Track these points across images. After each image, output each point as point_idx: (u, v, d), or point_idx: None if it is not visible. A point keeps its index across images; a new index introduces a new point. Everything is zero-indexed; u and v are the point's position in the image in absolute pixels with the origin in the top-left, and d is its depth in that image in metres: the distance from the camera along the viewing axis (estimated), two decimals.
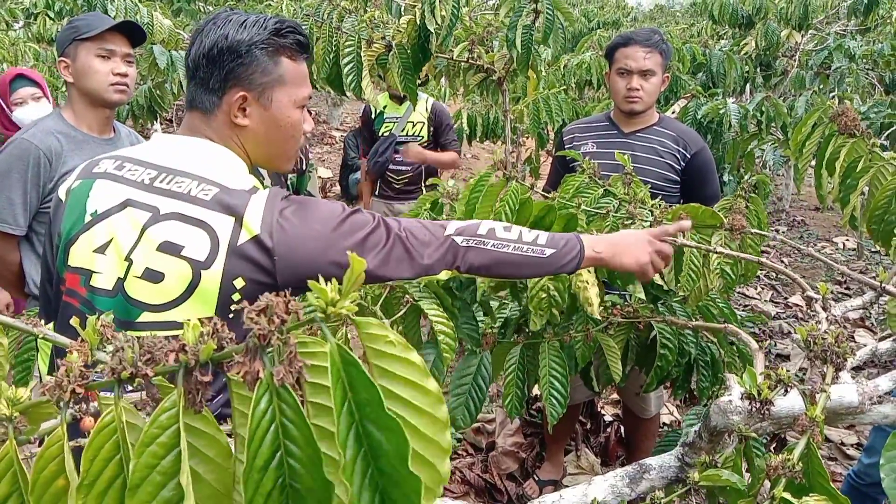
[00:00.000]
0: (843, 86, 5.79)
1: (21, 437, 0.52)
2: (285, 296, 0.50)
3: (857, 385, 1.11)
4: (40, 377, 1.31)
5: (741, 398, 1.09)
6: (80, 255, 1.18)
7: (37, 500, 0.50)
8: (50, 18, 7.89)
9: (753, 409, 1.04)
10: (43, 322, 0.87)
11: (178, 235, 1.11)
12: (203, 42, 1.20)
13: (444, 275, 1.26)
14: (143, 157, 1.22)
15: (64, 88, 4.16)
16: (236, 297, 1.11)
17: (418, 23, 2.49)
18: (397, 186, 4.09)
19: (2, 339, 0.91)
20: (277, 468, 0.49)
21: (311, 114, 1.40)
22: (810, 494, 0.90)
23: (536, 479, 2.82)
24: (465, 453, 3.15)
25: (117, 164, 1.21)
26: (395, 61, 2.54)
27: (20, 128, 2.55)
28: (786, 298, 5.07)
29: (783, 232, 6.82)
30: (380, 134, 4.05)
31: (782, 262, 5.63)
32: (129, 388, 0.50)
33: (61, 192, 1.26)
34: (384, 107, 4.03)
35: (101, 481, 0.51)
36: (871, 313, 4.55)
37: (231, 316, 1.12)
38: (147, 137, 2.28)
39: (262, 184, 1.24)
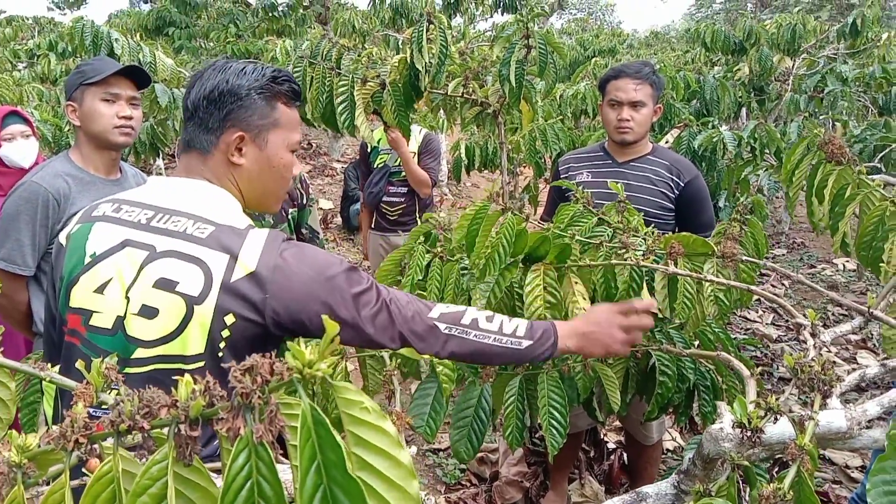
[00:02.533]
0: (837, 108, 5.85)
1: (29, 482, 0.55)
2: (271, 356, 0.52)
3: (845, 410, 1.13)
4: (46, 419, 1.34)
5: (732, 426, 1.11)
6: (80, 296, 1.21)
7: None
8: (54, 58, 8.02)
9: (744, 437, 1.06)
10: (49, 364, 0.90)
11: (173, 272, 1.15)
12: (204, 85, 1.26)
13: (425, 356, 1.32)
14: (140, 198, 1.26)
15: (69, 128, 4.24)
16: (226, 333, 1.14)
17: (408, 62, 2.55)
18: (391, 217, 4.11)
19: (9, 382, 0.93)
20: None
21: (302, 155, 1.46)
22: None
23: None
24: (468, 483, 3.15)
25: (115, 206, 1.26)
26: (388, 99, 2.60)
27: (2, 162, 2.61)
28: (787, 321, 5.07)
29: (783, 255, 6.84)
30: (375, 166, 4.10)
31: (783, 285, 5.65)
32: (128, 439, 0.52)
33: (62, 238, 1.30)
34: (379, 140, 4.05)
35: None
36: (872, 334, 4.56)
37: (221, 354, 1.15)
38: (150, 173, 2.33)
39: (262, 223, 1.28)
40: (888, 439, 0.85)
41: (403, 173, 3.99)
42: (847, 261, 6.41)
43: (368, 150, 4.16)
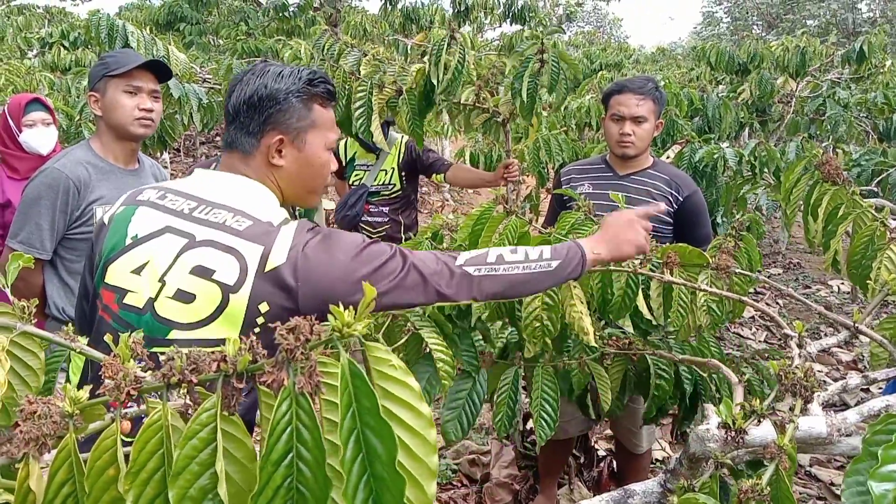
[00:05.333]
0: (837, 132, 5.93)
1: (78, 430, 0.61)
2: (310, 320, 0.59)
3: (826, 417, 1.19)
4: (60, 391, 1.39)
5: (718, 427, 1.17)
6: (117, 274, 1.28)
7: (91, 485, 0.59)
8: (65, 48, 8.09)
9: (729, 438, 1.12)
10: (79, 336, 0.96)
11: (210, 260, 1.21)
12: (244, 90, 1.33)
13: (464, 303, 1.34)
14: (184, 189, 1.33)
15: (79, 118, 4.30)
16: (260, 320, 1.20)
17: (426, 73, 2.61)
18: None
19: (39, 353, 0.99)
20: (289, 466, 0.58)
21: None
22: None
23: None
24: (459, 484, 3.19)
25: (160, 194, 1.32)
26: (404, 106, 2.66)
27: (22, 148, 2.67)
28: (780, 339, 5.13)
29: (779, 274, 6.91)
30: (350, 183, 3.81)
31: (777, 303, 5.72)
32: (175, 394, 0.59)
33: (105, 218, 1.36)
34: (354, 153, 3.80)
35: (145, 471, 0.60)
36: (863, 356, 4.62)
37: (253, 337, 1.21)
38: None
39: (295, 216, 1.34)
40: (863, 443, 0.91)
41: (383, 193, 3.72)
42: (842, 282, 6.48)
43: (343, 162, 3.84)
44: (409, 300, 1.29)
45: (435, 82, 2.55)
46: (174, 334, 1.22)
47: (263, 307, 1.20)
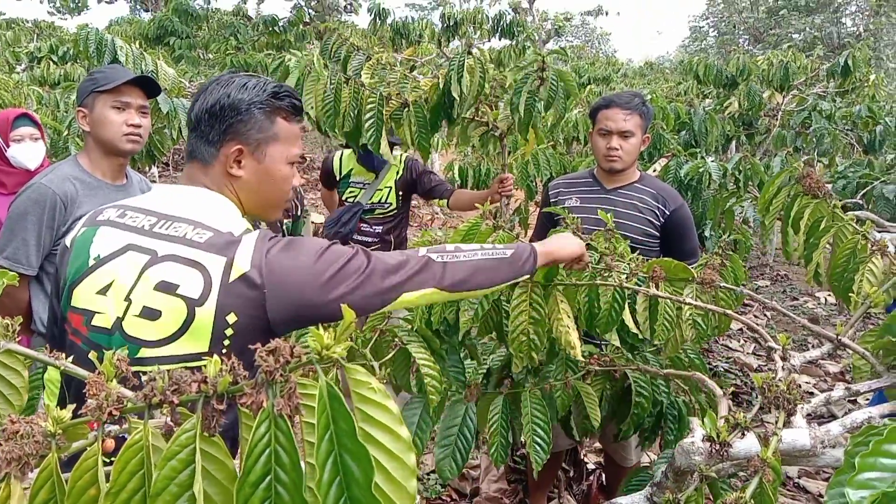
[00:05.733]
0: (823, 145, 6.00)
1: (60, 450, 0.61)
2: (287, 340, 0.59)
3: (809, 430, 1.20)
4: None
5: (703, 440, 1.17)
6: (83, 296, 1.27)
7: None
8: (54, 63, 8.08)
9: (713, 451, 1.13)
10: (63, 355, 0.96)
11: (173, 275, 1.21)
12: (207, 99, 1.33)
13: (435, 296, 1.34)
14: (143, 205, 1.32)
15: (67, 133, 4.29)
16: (229, 331, 1.20)
17: (441, 87, 2.61)
18: None
19: (23, 371, 0.98)
20: (266, 489, 0.58)
21: (300, 168, 1.53)
22: None
23: None
24: (448, 499, 3.19)
25: (119, 212, 1.32)
26: (409, 118, 2.67)
27: (9, 163, 2.66)
28: (768, 352, 5.15)
29: (766, 286, 6.95)
30: (344, 199, 3.74)
31: (765, 315, 5.75)
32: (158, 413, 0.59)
33: (67, 241, 1.36)
34: (350, 169, 3.72)
35: (125, 491, 0.60)
36: (851, 367, 4.65)
37: (224, 351, 1.20)
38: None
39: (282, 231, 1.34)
40: (845, 455, 0.92)
41: (377, 211, 3.68)
42: (829, 294, 6.52)
43: (337, 177, 3.78)
44: (377, 294, 1.28)
45: (456, 96, 2.55)
46: (144, 352, 1.21)
47: (231, 318, 1.19)
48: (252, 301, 1.20)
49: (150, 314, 1.21)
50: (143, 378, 0.61)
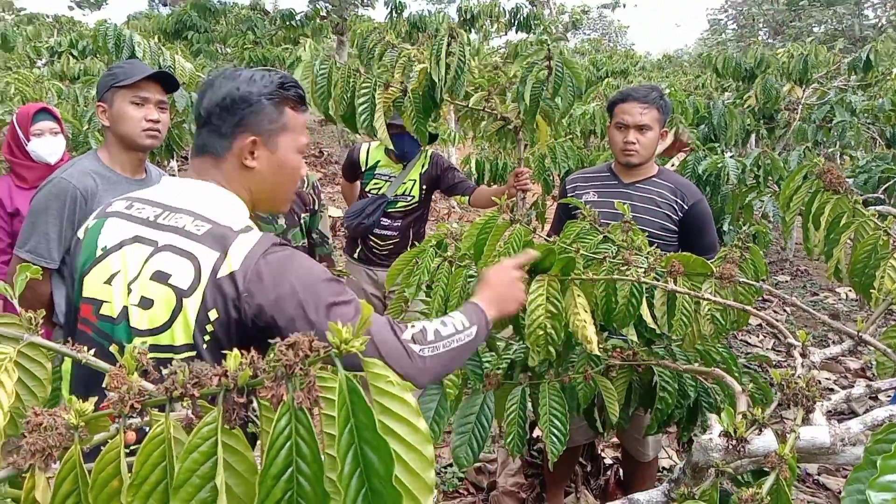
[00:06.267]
0: (845, 139, 5.92)
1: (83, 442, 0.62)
2: (309, 336, 0.60)
3: (829, 427, 1.19)
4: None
5: (720, 436, 1.17)
6: (92, 286, 1.29)
7: (95, 497, 0.60)
8: (73, 57, 8.16)
9: (731, 447, 1.12)
10: (85, 347, 0.97)
11: (168, 265, 1.22)
12: (216, 93, 1.33)
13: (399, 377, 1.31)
14: (151, 197, 1.34)
15: (87, 127, 4.34)
16: (209, 327, 1.20)
17: (428, 72, 2.65)
18: (379, 252, 3.67)
19: (46, 363, 1.00)
20: (288, 480, 0.59)
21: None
22: None
23: None
24: (465, 493, 3.20)
25: (127, 204, 1.34)
26: (409, 105, 2.71)
27: (30, 157, 2.69)
28: (787, 348, 5.11)
29: (786, 281, 6.89)
30: (367, 190, 3.69)
31: (784, 311, 5.70)
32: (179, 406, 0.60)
33: (80, 233, 1.38)
34: (377, 161, 3.69)
35: (148, 483, 0.61)
36: (872, 363, 4.60)
37: (205, 346, 1.20)
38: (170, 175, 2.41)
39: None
40: (865, 452, 0.91)
41: (400, 204, 3.64)
42: (850, 290, 6.45)
43: (362, 168, 3.73)
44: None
45: (436, 79, 2.58)
46: (136, 342, 1.22)
47: (213, 314, 1.20)
48: (232, 300, 1.20)
49: (145, 304, 1.23)
50: (164, 372, 0.61)
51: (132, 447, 0.67)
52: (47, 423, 0.61)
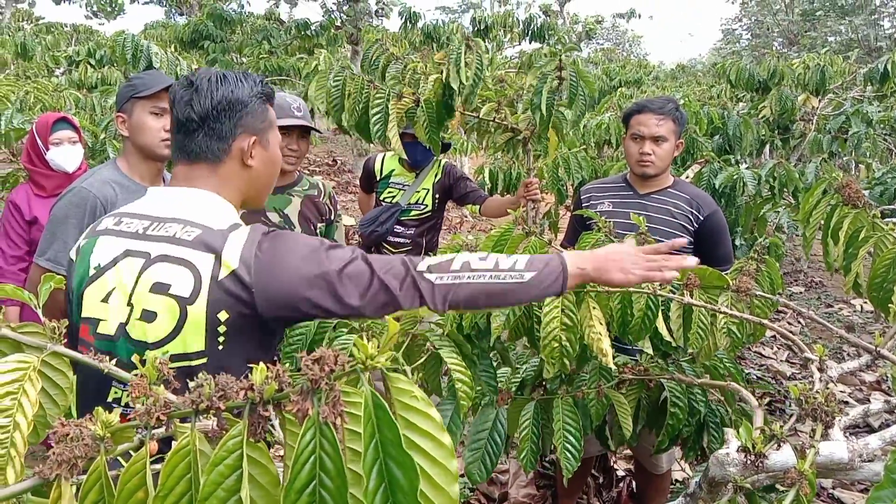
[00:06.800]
0: (860, 150, 5.88)
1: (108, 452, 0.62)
2: (332, 349, 0.60)
3: (847, 443, 1.18)
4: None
5: (738, 451, 1.16)
6: (89, 305, 1.29)
7: None
8: (91, 66, 8.23)
9: (748, 462, 1.12)
10: (107, 358, 0.98)
11: (165, 275, 1.22)
12: (207, 98, 1.32)
13: (422, 311, 1.29)
14: (138, 210, 1.34)
15: (104, 136, 4.38)
16: (222, 328, 1.21)
17: (444, 81, 2.67)
18: None
19: (68, 372, 1.01)
20: (311, 494, 0.59)
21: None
22: None
23: None
24: (477, 503, 3.18)
25: (116, 220, 1.34)
26: (422, 115, 2.74)
27: (49, 166, 2.72)
28: (802, 360, 5.07)
29: (801, 293, 6.84)
30: (381, 199, 3.73)
31: (799, 322, 5.66)
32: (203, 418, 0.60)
33: (72, 253, 1.38)
34: (392, 170, 3.72)
35: (173, 494, 0.61)
36: (888, 377, 4.56)
37: (221, 348, 1.21)
38: None
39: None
40: (885, 470, 0.91)
41: (414, 212, 3.67)
42: (865, 302, 6.40)
43: (377, 178, 3.77)
44: (371, 304, 1.23)
45: (455, 87, 2.60)
46: (147, 355, 1.22)
47: (223, 315, 1.21)
48: (241, 299, 1.21)
49: (148, 316, 1.23)
50: (191, 384, 0.62)
51: (154, 457, 0.68)
52: (74, 434, 0.61)
